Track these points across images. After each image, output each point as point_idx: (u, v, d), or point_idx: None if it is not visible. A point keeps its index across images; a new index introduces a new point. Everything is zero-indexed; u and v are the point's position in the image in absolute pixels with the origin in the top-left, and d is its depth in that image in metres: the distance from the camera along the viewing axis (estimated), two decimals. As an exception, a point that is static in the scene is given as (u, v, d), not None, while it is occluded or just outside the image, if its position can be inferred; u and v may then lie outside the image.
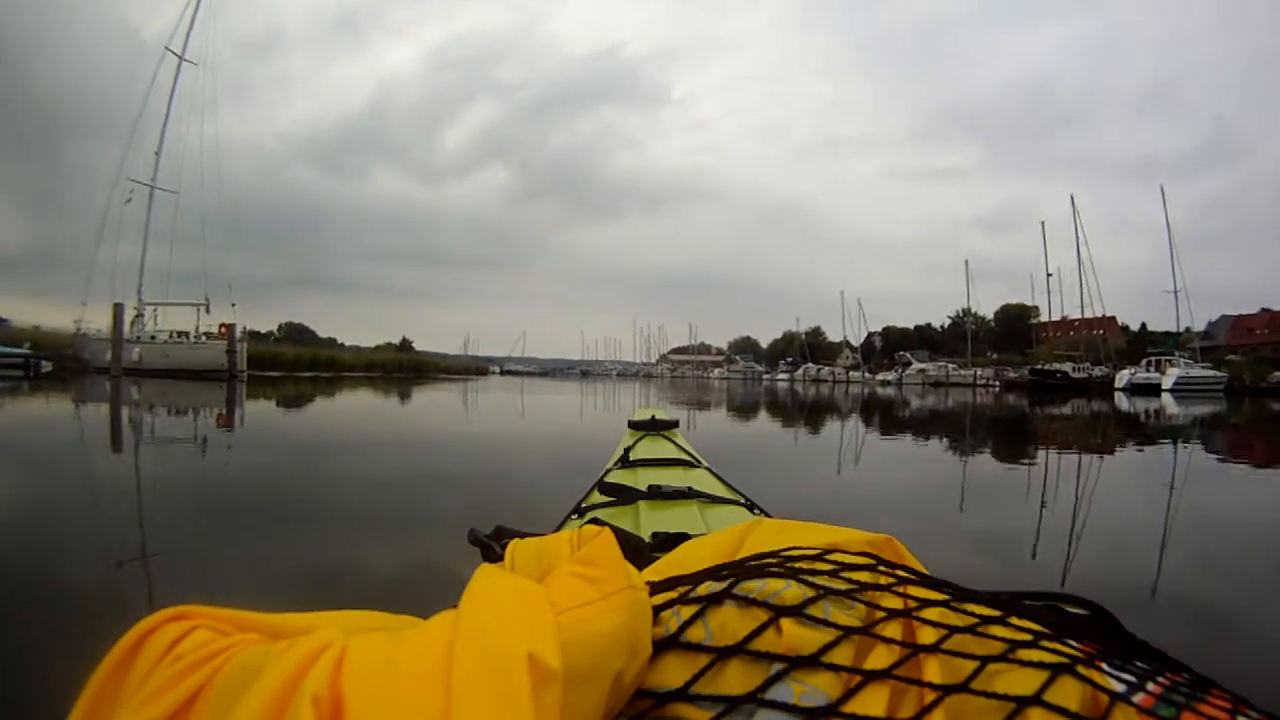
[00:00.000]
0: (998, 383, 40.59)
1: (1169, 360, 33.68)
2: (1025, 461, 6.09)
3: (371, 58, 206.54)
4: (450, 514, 3.10)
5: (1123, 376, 33.79)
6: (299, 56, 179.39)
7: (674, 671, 0.37)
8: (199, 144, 24.20)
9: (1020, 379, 39.01)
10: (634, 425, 1.92)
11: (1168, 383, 30.66)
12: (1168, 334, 39.80)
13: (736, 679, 0.36)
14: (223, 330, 21.95)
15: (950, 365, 49.03)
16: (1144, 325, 49.67)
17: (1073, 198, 40.65)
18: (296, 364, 30.16)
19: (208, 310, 22.80)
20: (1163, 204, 37.39)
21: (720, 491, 1.21)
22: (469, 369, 54.96)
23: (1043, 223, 42.64)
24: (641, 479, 1.28)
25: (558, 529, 0.96)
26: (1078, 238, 39.57)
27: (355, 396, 13.41)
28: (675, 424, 1.97)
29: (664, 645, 0.39)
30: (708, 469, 1.45)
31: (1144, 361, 35.49)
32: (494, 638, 0.28)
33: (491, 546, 0.57)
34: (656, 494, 1.11)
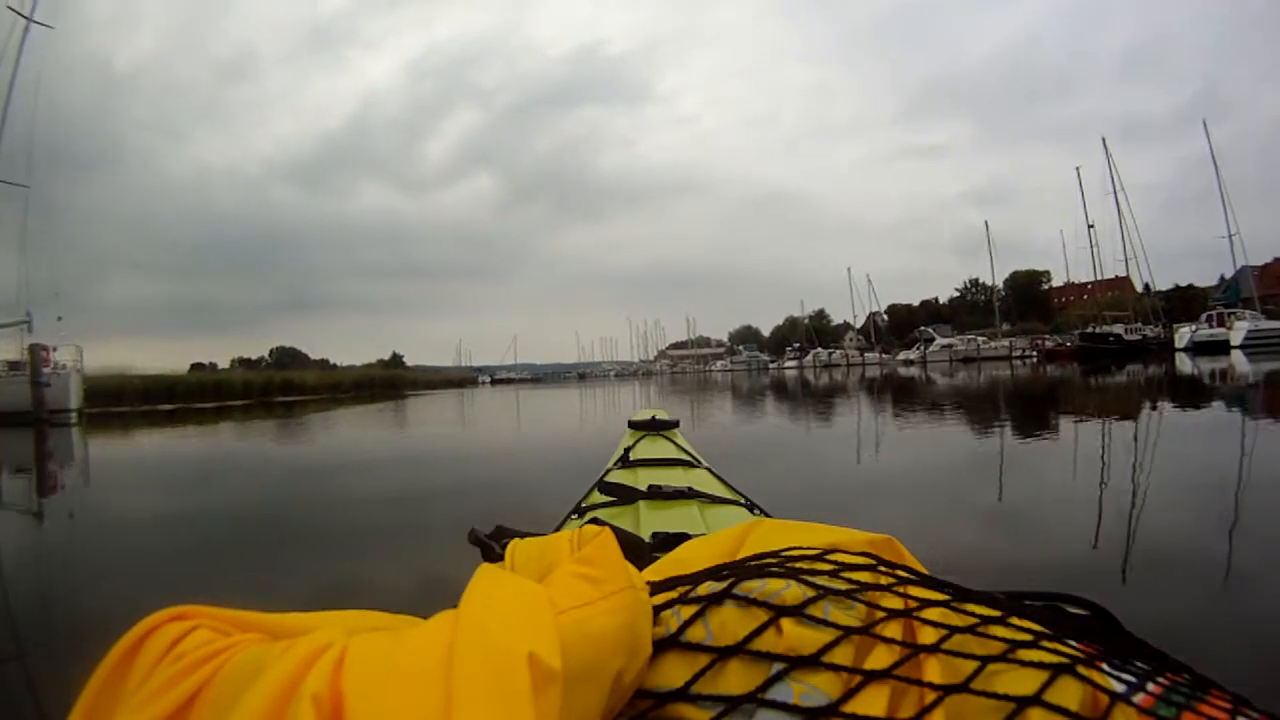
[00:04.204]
0: (1034, 353, 36.76)
1: (1234, 313, 29.88)
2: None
3: (349, 73, 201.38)
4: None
5: (1183, 335, 29.97)
6: (275, 78, 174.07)
7: (674, 671, 0.37)
8: (48, 125, 18.71)
9: (1062, 346, 35.23)
10: (634, 425, 1.92)
11: (1237, 338, 27.19)
12: (1225, 283, 35.56)
13: (737, 679, 0.36)
14: (45, 356, 15.92)
15: (980, 338, 44.73)
16: (1147, 286, 44.09)
17: (1105, 140, 36.85)
18: (245, 390, 26.25)
19: (29, 329, 16.79)
20: (1207, 141, 33.60)
21: (720, 491, 1.21)
22: (452, 381, 52.14)
23: (1078, 169, 38.44)
24: (641, 479, 1.27)
25: (558, 529, 0.97)
26: (1114, 185, 35.76)
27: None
28: (676, 424, 1.96)
29: (664, 645, 0.39)
30: (708, 469, 1.44)
31: (1205, 316, 31.53)
32: (494, 637, 0.28)
33: (491, 546, 0.56)
34: (656, 494, 1.12)
